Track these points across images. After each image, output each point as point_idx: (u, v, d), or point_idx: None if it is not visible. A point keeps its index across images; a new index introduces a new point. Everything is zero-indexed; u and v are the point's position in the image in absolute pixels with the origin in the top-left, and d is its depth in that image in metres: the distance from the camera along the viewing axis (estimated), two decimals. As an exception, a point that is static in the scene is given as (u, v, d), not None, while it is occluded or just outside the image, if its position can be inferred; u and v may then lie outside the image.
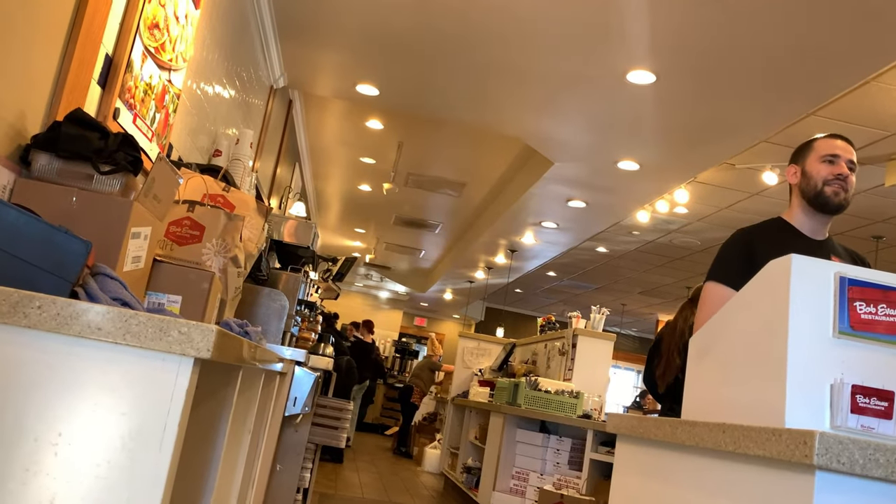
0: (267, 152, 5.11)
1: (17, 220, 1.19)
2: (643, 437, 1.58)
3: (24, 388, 1.02)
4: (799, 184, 2.27)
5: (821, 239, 2.27)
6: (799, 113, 4.44)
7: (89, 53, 1.99)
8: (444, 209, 8.86)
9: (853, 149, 2.24)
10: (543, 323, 7.22)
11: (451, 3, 3.77)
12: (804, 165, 2.25)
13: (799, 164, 2.28)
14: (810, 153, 2.25)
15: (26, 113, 1.77)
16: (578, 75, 4.35)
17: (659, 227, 7.96)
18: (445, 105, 5.23)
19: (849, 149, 2.23)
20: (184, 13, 2.64)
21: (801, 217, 2.27)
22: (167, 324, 1.04)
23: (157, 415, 1.03)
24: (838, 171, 2.18)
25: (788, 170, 2.32)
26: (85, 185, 1.67)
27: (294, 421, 3.34)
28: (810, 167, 2.23)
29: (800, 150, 2.32)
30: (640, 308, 13.35)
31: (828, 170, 2.19)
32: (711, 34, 3.65)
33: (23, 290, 1.04)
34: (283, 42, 4.52)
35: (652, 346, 3.69)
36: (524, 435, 5.20)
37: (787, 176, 2.33)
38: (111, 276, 1.37)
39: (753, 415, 1.28)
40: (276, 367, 2.29)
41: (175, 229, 2.11)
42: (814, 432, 0.99)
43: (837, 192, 2.17)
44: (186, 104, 2.99)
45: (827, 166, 2.19)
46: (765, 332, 1.32)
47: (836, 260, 2.20)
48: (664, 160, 5.55)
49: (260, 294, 3.15)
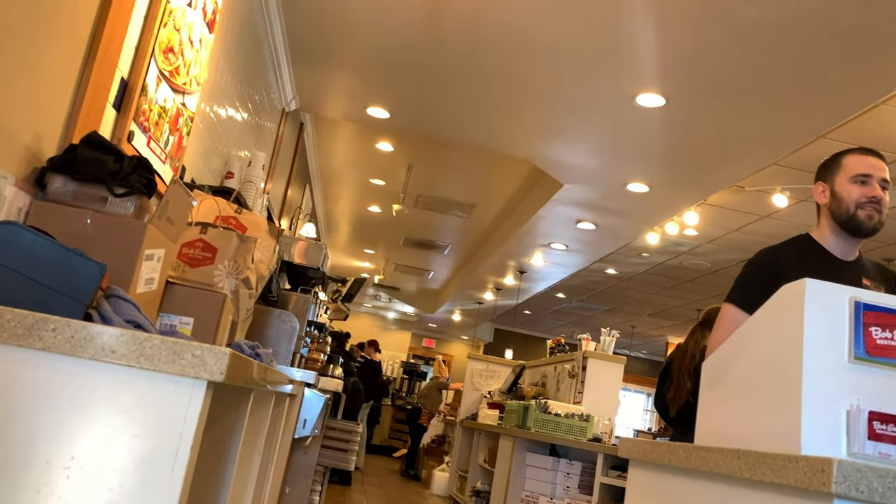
0: (278, 174, 5.14)
1: (33, 242, 1.20)
2: (656, 463, 1.56)
3: (38, 410, 1.02)
4: (829, 205, 2.11)
5: (851, 260, 2.13)
6: (809, 136, 4.44)
7: (105, 77, 2.01)
8: (453, 230, 8.87)
9: (885, 164, 2.09)
10: (553, 345, 7.19)
11: (460, 27, 3.81)
12: (833, 185, 2.09)
13: (827, 183, 2.12)
14: (839, 171, 2.09)
15: (42, 136, 1.79)
16: (588, 98, 4.37)
17: (668, 249, 7.94)
18: (455, 127, 5.26)
19: (881, 166, 2.07)
20: (198, 37, 2.67)
21: (832, 238, 2.12)
22: (181, 347, 1.04)
23: (169, 438, 1.03)
24: (872, 194, 2.03)
25: (816, 187, 2.16)
26: (99, 208, 1.68)
27: (304, 443, 3.33)
28: (840, 188, 2.07)
29: (827, 167, 2.15)
30: (650, 330, 13.28)
31: (860, 192, 2.04)
32: (720, 57, 3.67)
33: (38, 313, 1.05)
34: (295, 66, 4.57)
35: (662, 369, 3.67)
36: (534, 458, 5.16)
37: (815, 194, 2.17)
38: (125, 298, 1.38)
39: (768, 441, 1.27)
40: (286, 388, 2.29)
41: (188, 251, 2.12)
42: (832, 460, 0.98)
43: (871, 216, 2.03)
44: (200, 127, 3.02)
45: (858, 187, 2.04)
46: (779, 357, 1.31)
47: (866, 282, 2.09)
48: (674, 182, 5.55)
49: (270, 315, 3.15)
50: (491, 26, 3.75)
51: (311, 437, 3.24)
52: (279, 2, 3.86)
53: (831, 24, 3.24)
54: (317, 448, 3.42)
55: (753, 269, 2.13)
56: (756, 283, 2.04)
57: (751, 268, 2.14)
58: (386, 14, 3.79)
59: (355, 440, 3.88)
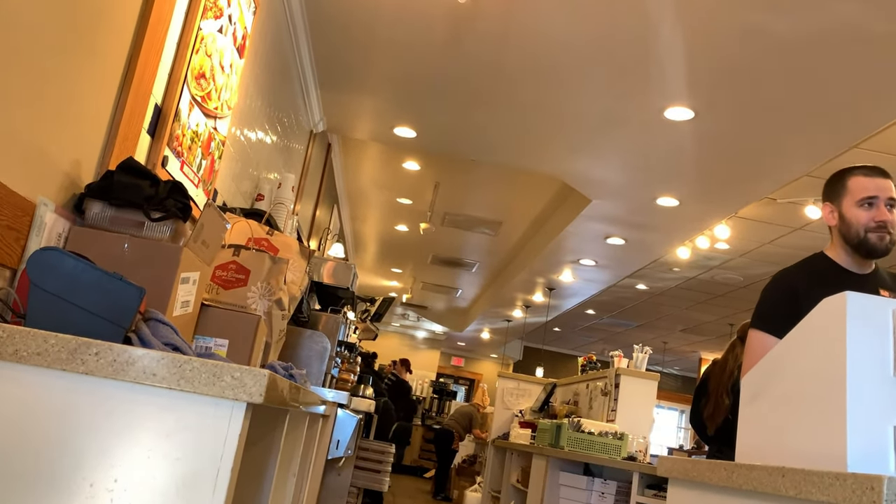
0: (307, 195, 5.19)
1: (75, 268, 1.22)
2: (696, 481, 1.54)
3: (82, 434, 1.04)
4: (838, 227, 2.13)
5: (867, 272, 2.15)
6: (841, 147, 4.38)
7: (140, 104, 2.05)
8: (480, 248, 8.87)
9: (891, 181, 2.09)
10: (585, 363, 7.12)
11: (486, 48, 3.83)
12: (841, 208, 2.11)
13: (835, 205, 2.14)
14: (845, 195, 2.11)
15: (81, 162, 1.83)
16: (616, 113, 4.36)
17: (700, 263, 7.85)
18: (482, 146, 5.27)
19: (887, 185, 2.07)
20: (229, 62, 2.72)
21: (846, 256, 2.15)
22: (220, 369, 1.05)
23: (210, 459, 1.04)
24: (881, 218, 2.03)
25: (824, 208, 2.19)
26: (136, 232, 1.71)
27: (337, 464, 3.33)
28: (848, 212, 2.09)
29: (833, 188, 2.17)
30: (682, 346, 13.10)
31: (867, 216, 2.05)
32: (748, 70, 3.64)
33: (80, 337, 1.06)
34: (323, 88, 4.62)
35: (698, 386, 3.61)
36: (567, 478, 5.10)
37: (824, 214, 2.20)
38: (163, 321, 1.39)
39: (812, 458, 1.24)
40: (319, 409, 2.29)
41: (221, 273, 2.14)
42: (882, 477, 0.96)
43: (882, 237, 2.04)
44: (230, 150, 3.06)
45: (866, 211, 2.06)
46: (821, 373, 1.28)
47: (884, 293, 2.11)
48: (704, 196, 5.50)
49: (302, 336, 3.17)
50: (516, 44, 3.76)
51: (345, 458, 3.24)
52: (307, 26, 3.91)
53: (863, 34, 3.20)
54: (350, 469, 3.42)
55: (772, 294, 2.15)
56: (777, 307, 2.06)
57: (769, 293, 2.16)
58: (411, 35, 3.83)
59: (388, 461, 3.88)
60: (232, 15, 2.67)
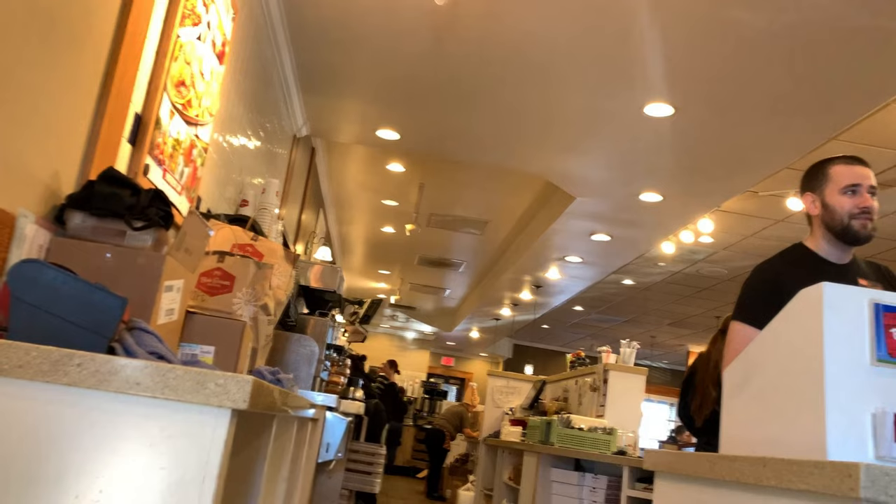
0: (291, 200, 5.18)
1: (56, 279, 1.22)
2: (682, 474, 1.55)
3: (66, 445, 1.04)
4: (821, 216, 2.16)
5: (846, 262, 2.19)
6: (820, 139, 4.42)
7: (119, 113, 2.05)
8: (467, 248, 8.88)
9: (870, 170, 2.13)
10: (573, 359, 7.15)
11: (468, 49, 3.84)
12: (823, 197, 2.14)
13: (817, 194, 2.16)
14: (827, 183, 2.13)
15: (60, 173, 1.82)
16: (597, 111, 4.38)
17: (685, 257, 7.91)
18: (466, 146, 5.29)
19: (868, 174, 2.11)
20: (209, 70, 2.71)
21: (826, 246, 2.18)
22: (204, 376, 1.05)
23: (196, 468, 1.04)
24: (864, 205, 2.07)
25: (805, 198, 2.21)
26: (118, 242, 1.71)
27: (327, 467, 3.33)
28: (832, 200, 2.12)
29: (814, 177, 2.19)
30: (670, 340, 13.18)
31: (851, 203, 2.08)
32: (726, 64, 3.67)
33: (62, 349, 1.06)
34: (305, 92, 4.62)
35: (685, 379, 3.63)
36: (559, 474, 5.11)
37: (805, 204, 2.21)
38: (146, 329, 1.39)
39: (793, 448, 1.26)
40: (307, 413, 2.30)
41: (206, 280, 2.14)
42: (859, 464, 0.98)
43: (865, 224, 2.08)
44: (213, 157, 3.05)
45: (849, 198, 2.09)
46: (800, 363, 1.30)
47: (863, 283, 2.14)
48: (686, 191, 5.54)
49: (289, 340, 3.17)
50: (497, 45, 3.77)
51: (335, 460, 3.24)
52: (287, 31, 3.91)
53: (838, 27, 3.24)
54: (341, 472, 3.42)
55: (753, 286, 2.18)
56: (758, 299, 2.08)
57: (750, 285, 2.19)
58: (391, 37, 3.83)
59: (379, 462, 3.88)
60: (210, 22, 2.67)
